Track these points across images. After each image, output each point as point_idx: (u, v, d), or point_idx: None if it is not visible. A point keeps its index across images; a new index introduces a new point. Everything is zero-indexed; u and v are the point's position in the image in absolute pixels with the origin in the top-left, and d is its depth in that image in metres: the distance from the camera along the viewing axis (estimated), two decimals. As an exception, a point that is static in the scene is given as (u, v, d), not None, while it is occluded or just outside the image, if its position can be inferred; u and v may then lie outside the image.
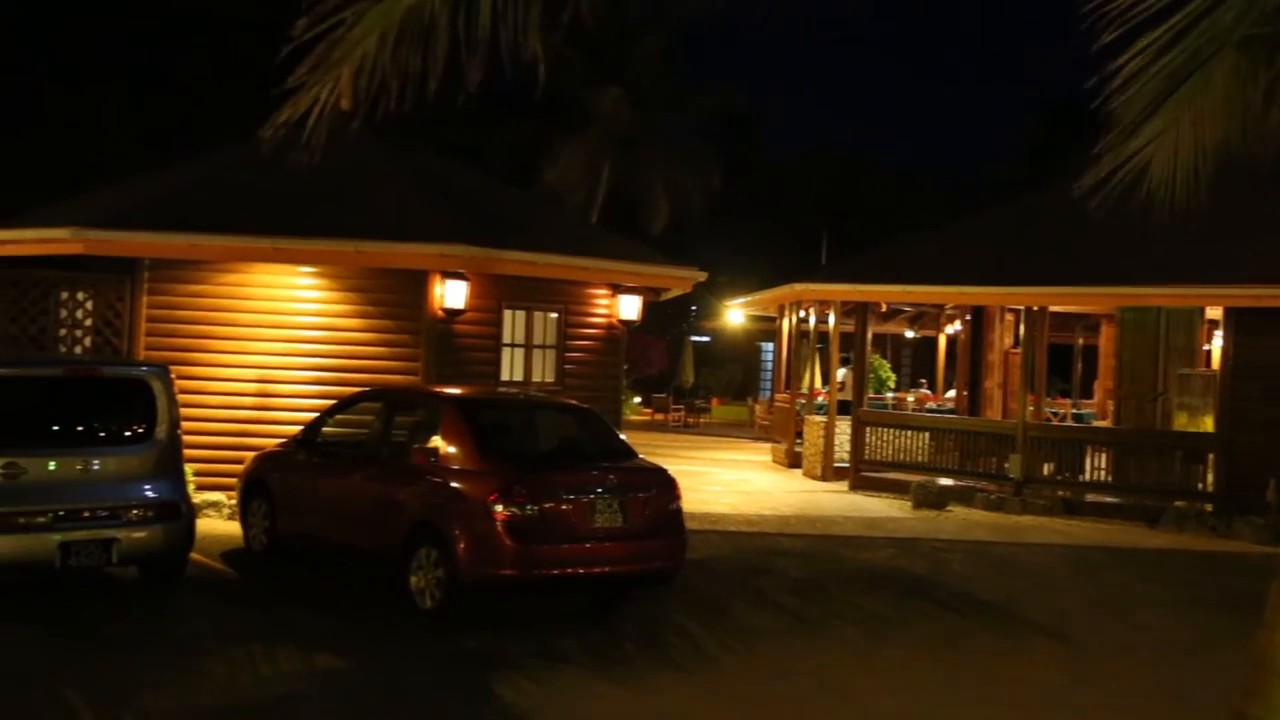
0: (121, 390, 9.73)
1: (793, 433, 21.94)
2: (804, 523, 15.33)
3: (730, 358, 42.86)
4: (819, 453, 20.09)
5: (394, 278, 13.73)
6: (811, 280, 20.95)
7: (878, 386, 25.08)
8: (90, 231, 12.92)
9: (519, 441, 10.28)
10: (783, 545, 13.53)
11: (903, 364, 31.22)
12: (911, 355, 31.83)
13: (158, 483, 9.41)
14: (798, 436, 21.57)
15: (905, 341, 30.13)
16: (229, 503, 12.56)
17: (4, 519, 8.58)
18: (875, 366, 24.93)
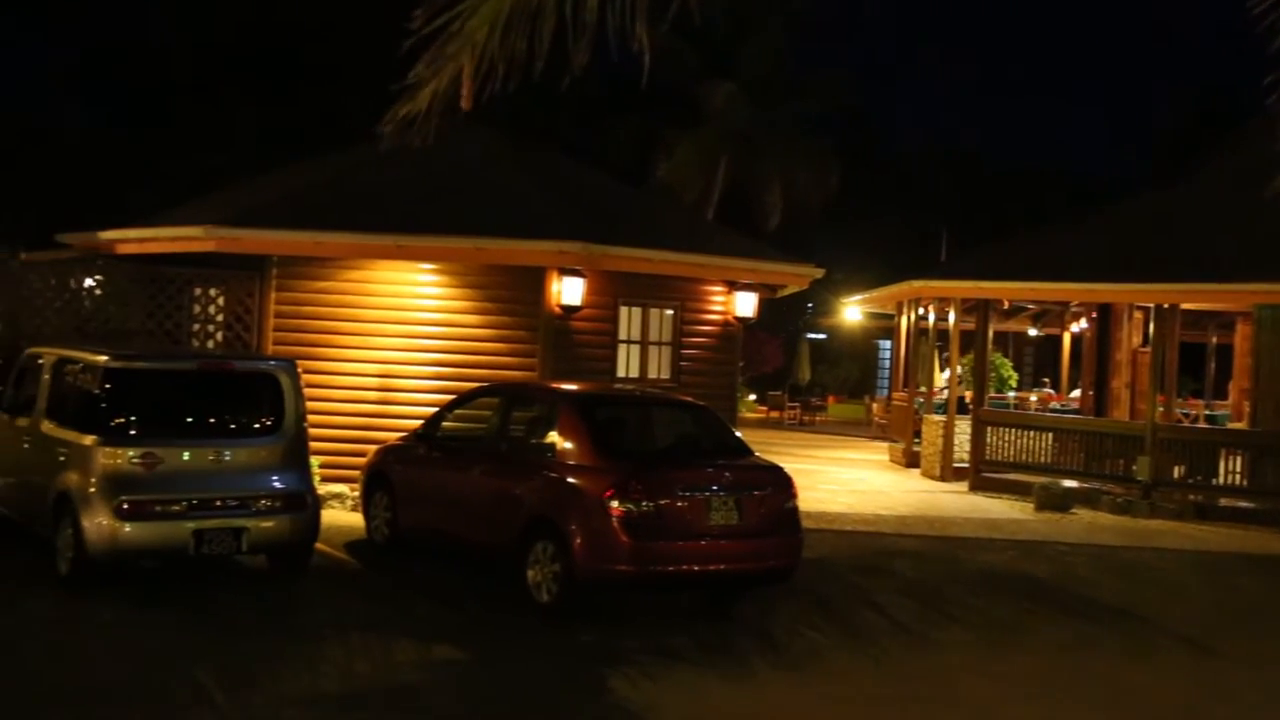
0: (251, 384, 10.03)
1: (911, 432, 21.62)
2: (922, 523, 15.09)
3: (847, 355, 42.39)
4: (938, 452, 19.76)
5: (512, 274, 13.89)
6: (931, 277, 20.60)
7: (999, 385, 24.56)
8: (221, 230, 13.35)
9: (635, 438, 10.32)
10: (900, 546, 13.34)
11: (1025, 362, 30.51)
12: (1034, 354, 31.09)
13: (285, 474, 9.67)
14: (916, 436, 21.25)
15: (1028, 339, 29.44)
16: (352, 494, 12.86)
17: (141, 506, 8.92)
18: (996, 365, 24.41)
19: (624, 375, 14.55)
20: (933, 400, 21.46)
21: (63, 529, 9.13)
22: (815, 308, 41.64)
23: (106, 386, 9.26)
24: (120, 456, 9.01)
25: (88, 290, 14.18)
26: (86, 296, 14.14)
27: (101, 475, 8.94)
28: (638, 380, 14.61)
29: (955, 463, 19.37)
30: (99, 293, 14.14)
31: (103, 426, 9.13)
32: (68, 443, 9.37)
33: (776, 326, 37.35)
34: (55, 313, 13.79)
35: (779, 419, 33.46)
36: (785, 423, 32.90)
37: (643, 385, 14.46)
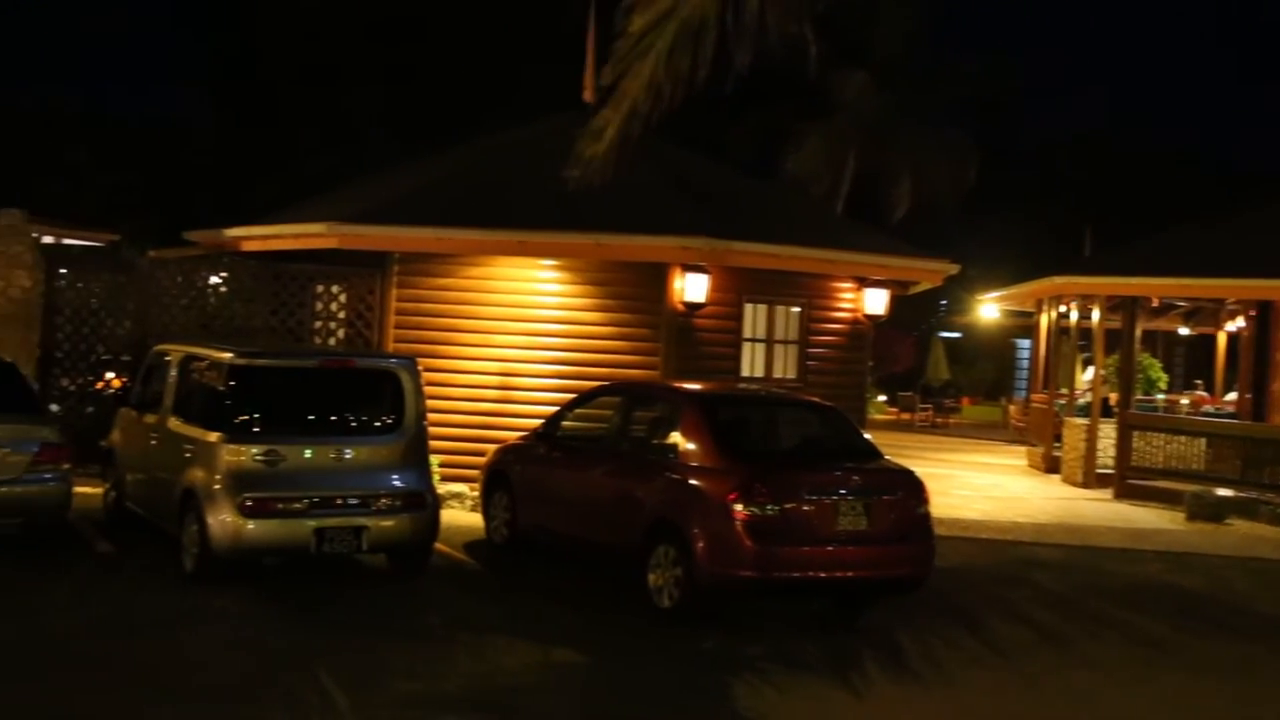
0: (372, 381, 10.22)
1: (1051, 436, 21.07)
2: (1063, 532, 14.69)
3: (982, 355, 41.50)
4: (1080, 457, 19.20)
5: (634, 271, 13.93)
6: (1074, 272, 20.04)
7: (1147, 388, 23.76)
8: (343, 226, 13.66)
9: (760, 439, 10.25)
10: (1039, 555, 13.00)
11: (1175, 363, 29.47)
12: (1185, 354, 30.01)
13: (405, 473, 9.84)
14: (1056, 440, 20.70)
15: (1178, 339, 28.44)
16: (471, 494, 13.03)
17: (265, 504, 9.17)
18: (1144, 366, 23.63)
19: (748, 375, 14.48)
20: (1074, 402, 20.88)
21: (188, 525, 9.44)
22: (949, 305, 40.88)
23: (231, 384, 9.53)
24: (244, 454, 9.28)
25: (213, 288, 14.68)
26: (212, 294, 14.64)
27: (226, 472, 9.21)
28: (763, 380, 14.53)
29: (1099, 468, 18.82)
30: (224, 290, 14.63)
31: (227, 423, 9.41)
32: (193, 439, 9.68)
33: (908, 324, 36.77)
34: (182, 310, 14.31)
35: (910, 421, 32.91)
36: (917, 425, 32.36)
37: (768, 385, 14.37)
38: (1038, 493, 18.46)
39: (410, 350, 12.40)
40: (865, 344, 15.69)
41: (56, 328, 14.05)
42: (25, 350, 13.42)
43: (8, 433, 9.87)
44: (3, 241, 13.64)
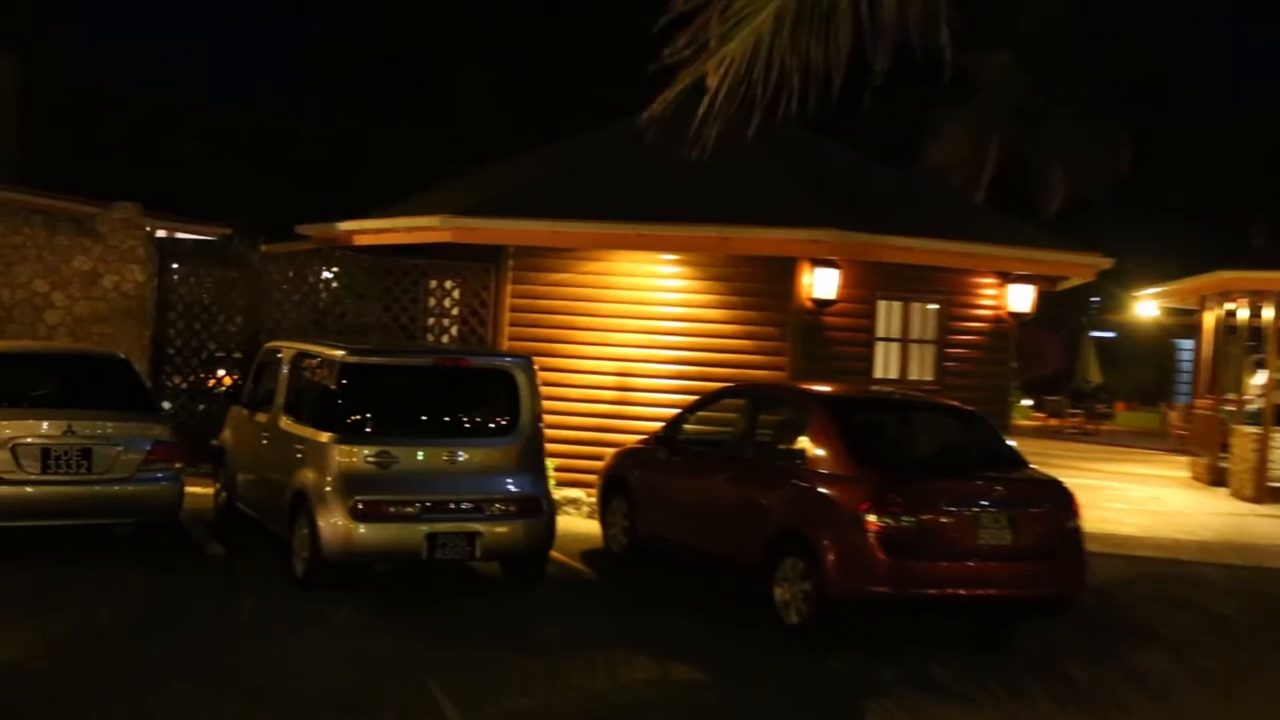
0: (486, 381, 10.31)
1: (1216, 445, 20.38)
2: (1230, 551, 14.19)
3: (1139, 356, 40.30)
4: (1250, 469, 18.53)
5: (760, 265, 13.85)
6: (1242, 266, 19.38)
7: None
8: (457, 219, 13.86)
9: (894, 445, 10.10)
10: (1203, 576, 12.57)
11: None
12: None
13: (520, 477, 9.91)
14: (1222, 450, 20.01)
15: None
16: (588, 500, 13.10)
17: (376, 507, 9.30)
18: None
19: (882, 376, 14.30)
20: (1243, 409, 20.15)
21: (299, 528, 9.63)
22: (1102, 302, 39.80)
23: (343, 382, 9.68)
24: (356, 455, 9.42)
25: (325, 283, 15.02)
26: (324, 289, 14.98)
27: (337, 474, 9.36)
28: (897, 382, 14.34)
29: (1270, 482, 18.15)
30: (335, 285, 14.96)
31: (339, 423, 9.57)
32: (304, 439, 9.88)
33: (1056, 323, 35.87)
34: (293, 305, 14.67)
35: (1058, 427, 32.16)
36: (1065, 432, 31.60)
37: (903, 387, 14.17)
38: (1201, 507, 17.87)
39: (525, 349, 12.50)
40: (1009, 344, 15.37)
41: (169, 323, 14.53)
42: (138, 346, 13.92)
43: (121, 430, 10.22)
44: (117, 235, 14.15)
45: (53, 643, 7.95)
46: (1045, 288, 15.91)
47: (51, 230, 14.01)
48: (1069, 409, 32.97)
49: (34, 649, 7.77)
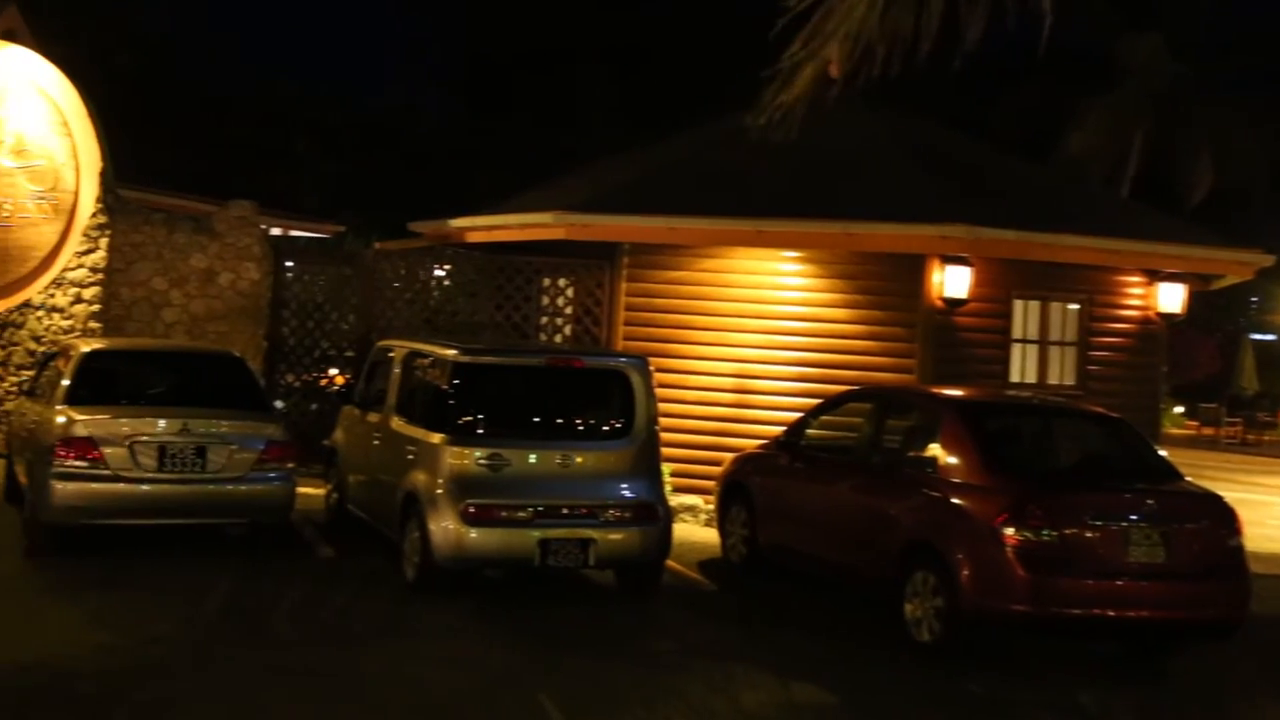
0: (600, 382, 10.21)
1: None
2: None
3: (1303, 361, 38.74)
4: None
5: (886, 263, 13.57)
6: None
7: None
8: (571, 215, 13.81)
9: (1033, 454, 9.75)
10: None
11: None
12: None
13: (635, 482, 9.79)
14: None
15: None
16: (706, 508, 12.93)
17: (487, 511, 9.25)
18: None
19: (1018, 380, 13.92)
20: None
21: (409, 531, 9.63)
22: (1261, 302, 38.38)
23: (455, 383, 9.66)
24: (467, 457, 9.39)
25: (437, 281, 15.12)
26: (436, 287, 15.08)
27: (449, 476, 9.33)
28: (1035, 386, 13.94)
29: None
30: (448, 283, 15.04)
31: (450, 424, 9.55)
32: (416, 440, 9.87)
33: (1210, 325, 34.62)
34: (405, 304, 14.80)
35: (1214, 437, 31.05)
36: (1223, 441, 30.47)
37: (1041, 392, 13.75)
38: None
39: (640, 349, 12.42)
40: (1158, 346, 14.84)
41: (282, 321, 14.75)
42: (252, 344, 14.15)
43: (236, 429, 10.33)
44: (233, 234, 14.41)
45: (163, 642, 8.05)
46: (1198, 287, 15.35)
47: (170, 229, 14.34)
48: (1226, 417, 31.75)
49: (145, 648, 7.87)
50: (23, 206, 14.20)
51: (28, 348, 14.12)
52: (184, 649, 7.91)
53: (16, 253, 14.19)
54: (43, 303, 14.14)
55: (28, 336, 14.17)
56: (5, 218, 14.20)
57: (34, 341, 14.10)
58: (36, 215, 14.19)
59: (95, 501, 9.89)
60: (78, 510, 9.89)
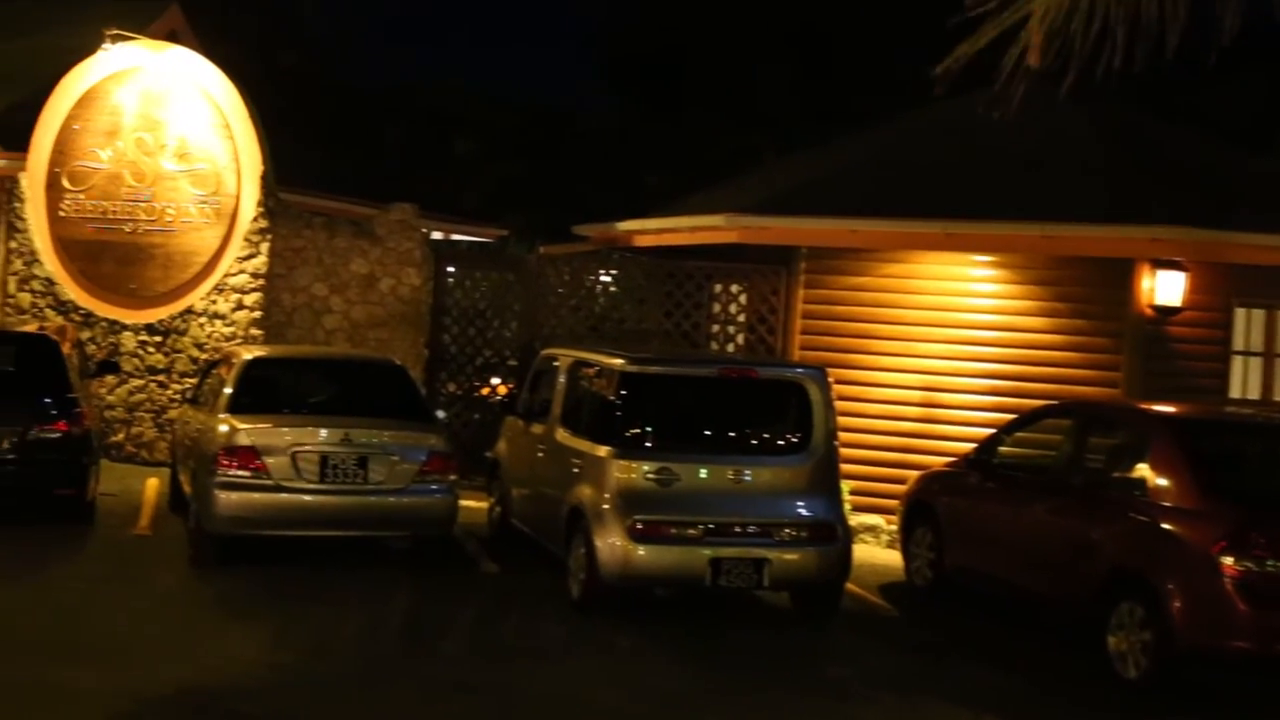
0: (776, 394, 10.28)
1: None
2: None
3: None
4: None
5: (1089, 268, 13.29)
6: None
7: None
8: (744, 218, 13.85)
9: (1256, 477, 9.48)
10: None
11: None
12: None
13: (812, 500, 9.80)
14: None
15: None
16: (888, 528, 12.87)
17: (656, 528, 9.37)
18: None
19: (1239, 396, 13.46)
20: None
21: (575, 548, 9.81)
22: None
23: (622, 393, 9.81)
24: (635, 471, 9.53)
25: (603, 286, 15.34)
26: (602, 293, 15.31)
27: (615, 491, 9.49)
28: (1259, 403, 13.47)
29: None
30: (614, 289, 15.25)
31: (618, 437, 9.71)
32: (581, 453, 10.06)
33: None
34: (570, 310, 15.07)
35: None
36: None
37: (1266, 409, 13.27)
38: None
39: (818, 359, 12.44)
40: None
41: (444, 328, 15.17)
42: (413, 352, 14.61)
43: (398, 439, 10.64)
44: (394, 238, 14.88)
45: (325, 655, 8.37)
46: None
47: (331, 233, 14.89)
48: None
49: (310, 665, 8.17)
50: (185, 211, 14.88)
51: (190, 355, 14.78)
52: (348, 666, 8.17)
53: (179, 258, 14.90)
54: (205, 309, 14.79)
55: (190, 343, 14.82)
56: (168, 223, 14.89)
57: (196, 349, 14.75)
58: (199, 220, 14.85)
59: (258, 512, 10.26)
60: (241, 521, 10.27)
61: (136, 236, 14.96)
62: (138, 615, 9.02)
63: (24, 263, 15.28)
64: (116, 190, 15.02)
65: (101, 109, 15.13)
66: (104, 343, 14.99)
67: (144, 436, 15.00)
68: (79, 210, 15.13)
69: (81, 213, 15.12)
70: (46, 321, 14.55)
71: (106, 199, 15.05)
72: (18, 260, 15.35)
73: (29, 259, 15.24)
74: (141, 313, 15.02)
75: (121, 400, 15.00)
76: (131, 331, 15.02)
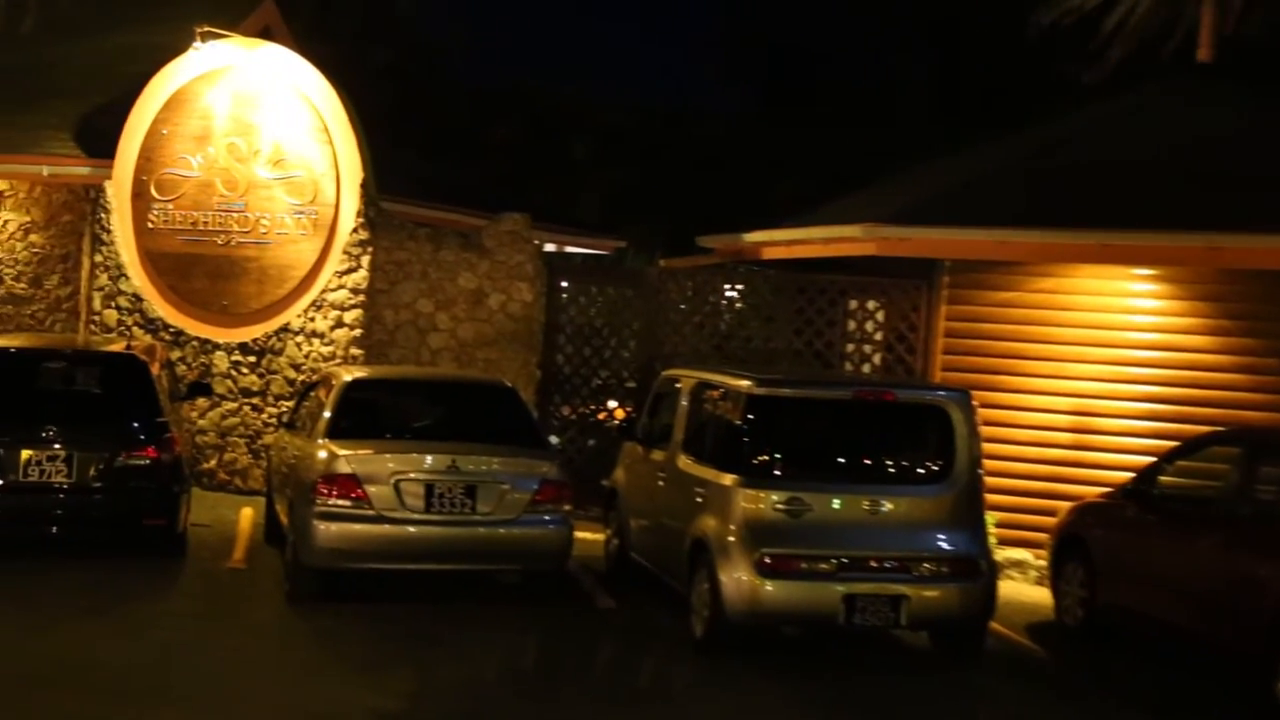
0: (915, 419, 10.51)
1: None
2: None
3: None
4: None
5: (1259, 282, 13.28)
6: None
7: None
8: (883, 228, 13.99)
9: None
10: None
11: None
12: None
13: (953, 533, 10.03)
14: None
15: None
16: (1036, 563, 13.06)
17: (786, 562, 9.66)
18: None
19: None
20: None
21: (698, 582, 10.13)
22: None
23: (749, 417, 10.11)
24: (763, 501, 9.83)
25: (729, 302, 15.67)
26: (727, 309, 15.63)
27: (742, 522, 9.78)
28: None
29: None
30: (740, 305, 15.58)
31: (744, 464, 10.01)
32: (705, 482, 10.38)
33: None
34: (693, 328, 15.39)
35: None
36: None
37: None
38: None
39: (962, 381, 12.56)
40: None
41: (557, 348, 15.61)
42: (524, 373, 15.04)
43: (508, 467, 11.04)
44: (504, 250, 15.32)
45: (431, 699, 8.71)
46: None
47: (436, 245, 15.34)
48: None
49: (412, 706, 8.53)
50: (281, 222, 15.40)
51: (286, 376, 15.35)
52: (456, 712, 8.47)
53: (274, 273, 15.45)
54: (302, 327, 15.33)
55: (286, 364, 15.39)
56: (262, 234, 15.43)
57: (293, 369, 15.32)
58: (295, 231, 15.36)
59: (359, 544, 10.60)
60: (341, 553, 10.62)
61: (229, 249, 15.50)
62: (230, 655, 9.32)
63: (110, 277, 15.89)
64: (208, 200, 15.54)
65: (191, 112, 15.65)
66: (195, 363, 15.54)
67: (237, 463, 15.59)
68: (168, 221, 15.67)
69: (170, 224, 15.67)
70: (134, 340, 14.87)
71: (197, 209, 15.57)
72: (103, 275, 15.97)
73: (115, 273, 15.84)
74: (234, 331, 15.55)
75: (213, 425, 15.57)
76: (224, 351, 15.57)
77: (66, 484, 11.56)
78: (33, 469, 11.52)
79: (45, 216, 17.52)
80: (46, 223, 17.51)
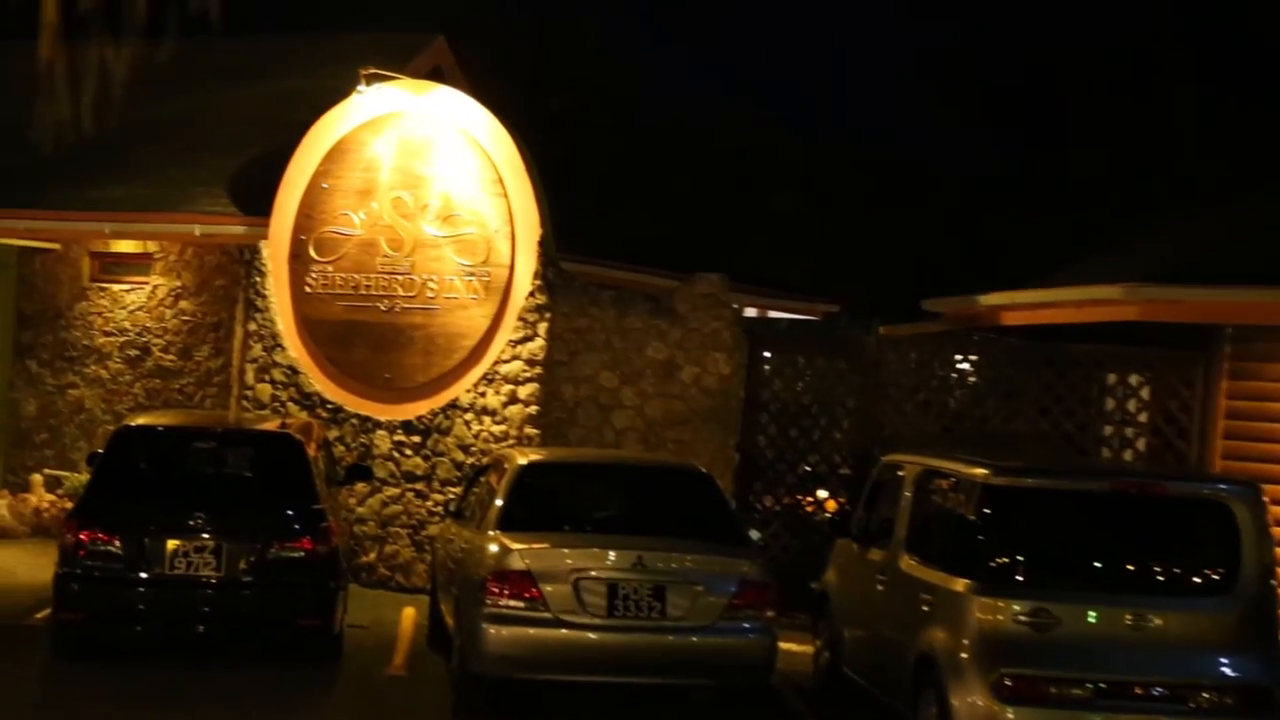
0: (1189, 516, 10.08)
1: None
2: None
3: None
4: None
5: None
6: None
7: None
8: (1149, 288, 13.54)
9: None
10: None
11: None
12: None
13: (1240, 655, 9.51)
14: None
15: None
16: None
17: (1031, 686, 9.23)
18: None
19: None
20: None
21: (924, 706, 9.79)
22: None
23: (985, 511, 9.82)
24: (1003, 611, 9.45)
25: (959, 376, 15.28)
26: (957, 384, 15.25)
27: (977, 636, 9.44)
28: None
29: None
30: (973, 380, 15.17)
31: (979, 567, 9.69)
32: (933, 587, 10.06)
33: None
34: (918, 407, 15.11)
35: None
36: None
37: None
38: None
39: (1248, 471, 12.23)
40: None
41: (758, 428, 15.42)
42: (721, 456, 14.91)
43: (702, 565, 10.86)
44: (698, 316, 15.23)
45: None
46: None
47: (621, 310, 15.32)
48: None
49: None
50: (450, 285, 15.54)
51: (454, 458, 15.42)
52: None
53: (443, 341, 15.56)
54: (472, 403, 15.41)
55: (454, 445, 15.46)
56: (429, 299, 15.59)
57: (461, 451, 15.38)
58: (466, 296, 15.47)
59: (532, 651, 10.53)
60: (512, 661, 10.57)
61: (393, 316, 15.68)
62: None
63: (264, 348, 16.25)
64: (370, 261, 15.79)
65: (354, 163, 15.96)
66: (354, 444, 15.75)
67: (399, 556, 15.68)
68: (327, 285, 15.96)
69: (330, 288, 15.95)
70: (289, 418, 15.14)
71: (359, 271, 15.83)
72: (257, 345, 16.32)
73: (270, 343, 16.19)
74: (398, 408, 15.73)
75: (373, 513, 15.73)
76: (386, 430, 15.75)
77: (215, 578, 11.76)
78: (179, 561, 11.71)
79: (197, 281, 17.98)
80: (198, 288, 17.97)
